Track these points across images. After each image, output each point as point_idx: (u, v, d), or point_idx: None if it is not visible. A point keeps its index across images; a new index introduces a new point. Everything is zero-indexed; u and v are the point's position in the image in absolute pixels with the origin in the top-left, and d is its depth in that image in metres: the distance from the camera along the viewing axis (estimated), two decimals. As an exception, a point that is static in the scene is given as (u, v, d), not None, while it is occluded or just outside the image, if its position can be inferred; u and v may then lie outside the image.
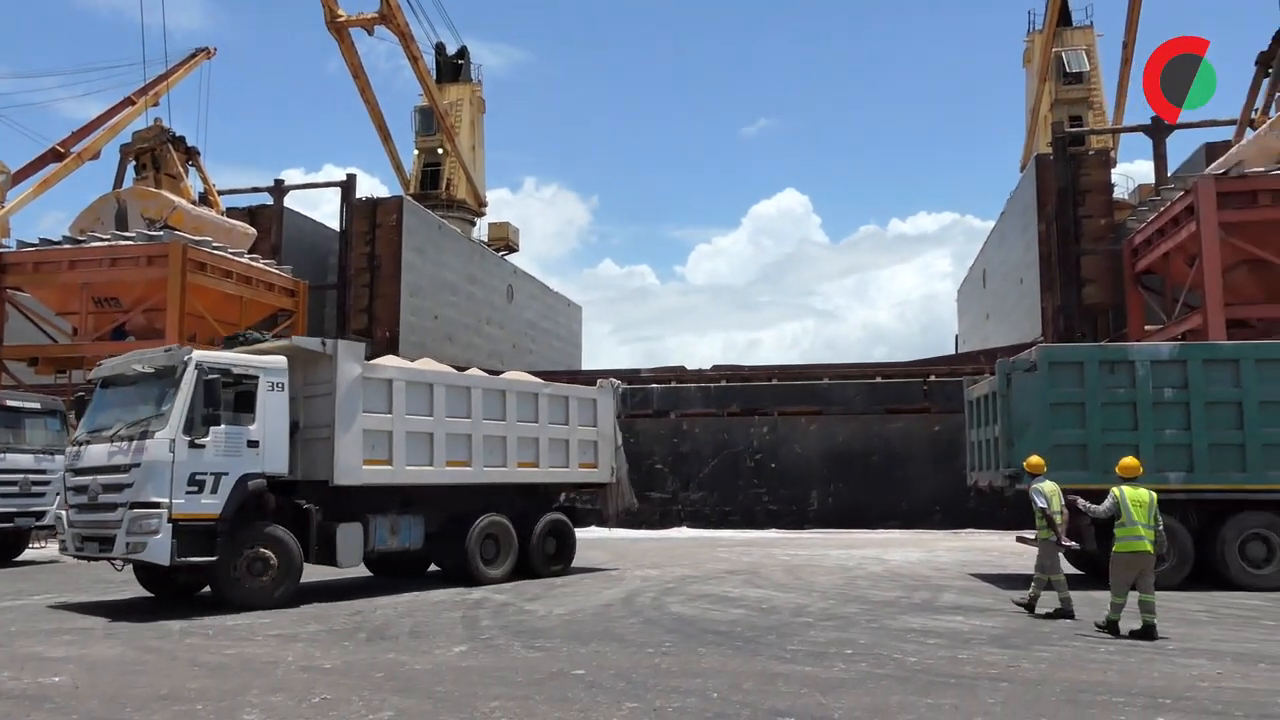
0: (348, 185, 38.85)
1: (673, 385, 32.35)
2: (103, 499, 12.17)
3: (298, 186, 41.66)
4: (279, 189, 39.06)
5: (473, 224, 53.29)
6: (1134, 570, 10.33)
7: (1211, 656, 9.17)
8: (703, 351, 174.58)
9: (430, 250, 41.32)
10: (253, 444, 12.53)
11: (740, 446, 30.64)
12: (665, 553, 21.62)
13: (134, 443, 11.99)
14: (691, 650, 9.53)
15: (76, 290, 29.19)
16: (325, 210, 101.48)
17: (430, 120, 50.89)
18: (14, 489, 18.76)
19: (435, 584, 15.13)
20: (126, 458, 12.00)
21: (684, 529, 29.39)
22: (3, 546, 19.50)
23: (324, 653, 9.51)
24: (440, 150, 51.66)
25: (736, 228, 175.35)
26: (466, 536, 14.99)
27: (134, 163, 34.15)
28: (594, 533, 27.73)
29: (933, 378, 30.68)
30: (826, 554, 20.91)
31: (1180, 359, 14.72)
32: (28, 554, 20.98)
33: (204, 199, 35.45)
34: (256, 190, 40.07)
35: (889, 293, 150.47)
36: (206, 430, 12.07)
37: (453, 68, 53.66)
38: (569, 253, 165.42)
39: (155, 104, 36.03)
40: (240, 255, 31.57)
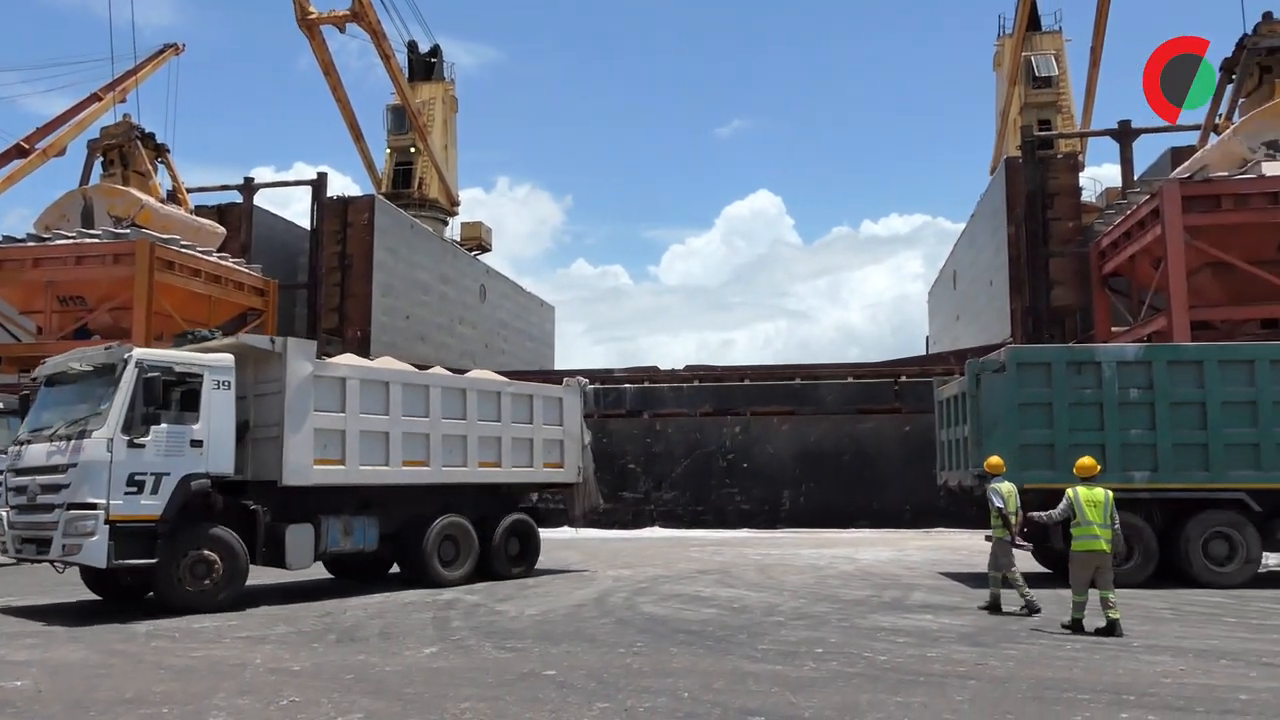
0: (319, 184, 38.52)
1: (646, 385, 32.39)
2: (41, 500, 11.89)
3: (268, 185, 41.29)
4: (249, 187, 38.67)
5: (445, 223, 53.04)
6: (1090, 568, 10.52)
7: (1175, 653, 9.30)
8: (676, 352, 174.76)
9: (402, 249, 41.08)
10: (196, 443, 12.24)
11: (713, 446, 30.73)
12: (638, 553, 21.64)
13: (72, 442, 11.71)
14: (663, 650, 9.54)
15: (41, 288, 28.79)
16: (296, 209, 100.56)
17: (402, 119, 50.59)
18: None
19: (405, 585, 15.02)
20: (64, 458, 11.71)
21: (656, 529, 29.42)
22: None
23: (293, 655, 9.43)
24: (412, 149, 51.37)
25: (710, 228, 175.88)
26: (424, 538, 14.79)
27: (102, 159, 33.72)
28: (566, 533, 27.70)
29: (904, 378, 30.92)
30: (798, 553, 21.02)
31: (1145, 360, 14.94)
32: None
33: (172, 197, 35.07)
34: (226, 188, 39.73)
35: (861, 294, 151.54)
36: (146, 429, 11.78)
37: (425, 66, 53.37)
38: (542, 252, 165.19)
39: (122, 100, 35.61)
40: (209, 254, 31.26)
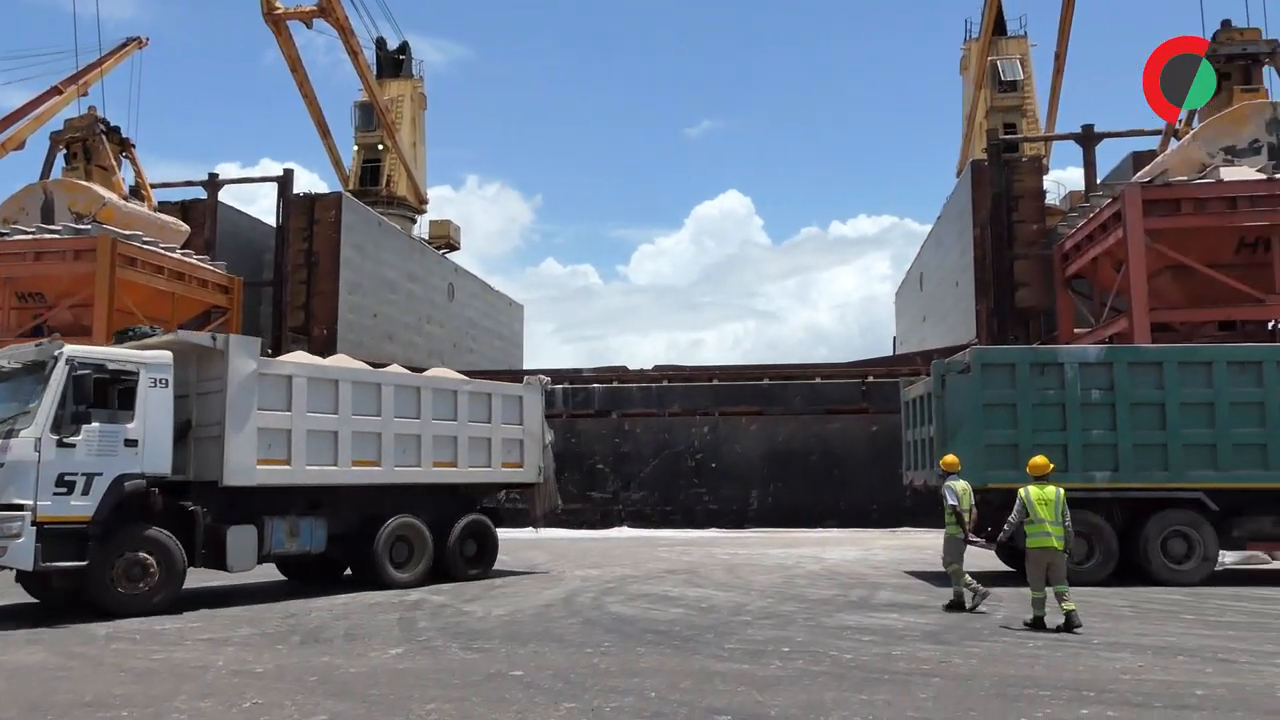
0: (285, 180, 38.14)
1: (614, 385, 32.40)
2: None
3: (233, 181, 40.79)
4: (213, 183, 38.22)
5: (413, 221, 52.68)
6: (1043, 565, 10.73)
7: (1134, 650, 9.45)
8: (645, 351, 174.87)
9: (369, 247, 40.77)
10: (131, 443, 11.99)
11: (681, 446, 30.80)
12: (606, 553, 21.63)
13: None
14: (630, 650, 9.55)
15: (-1, 284, 28.25)
16: (262, 205, 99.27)
17: (370, 116, 50.17)
18: None
19: (370, 586, 14.84)
20: None
21: (625, 529, 29.43)
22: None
23: (256, 656, 9.34)
24: (380, 146, 50.96)
25: (679, 228, 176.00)
26: (375, 539, 14.52)
27: (64, 152, 33.12)
28: (532, 532, 27.64)
29: (871, 379, 31.18)
30: (766, 553, 21.12)
31: (1107, 362, 15.17)
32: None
33: (135, 192, 34.54)
34: (190, 184, 39.20)
35: (829, 294, 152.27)
36: (77, 429, 11.53)
37: (394, 63, 52.98)
38: (511, 251, 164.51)
39: (84, 94, 34.97)
40: (172, 250, 30.83)
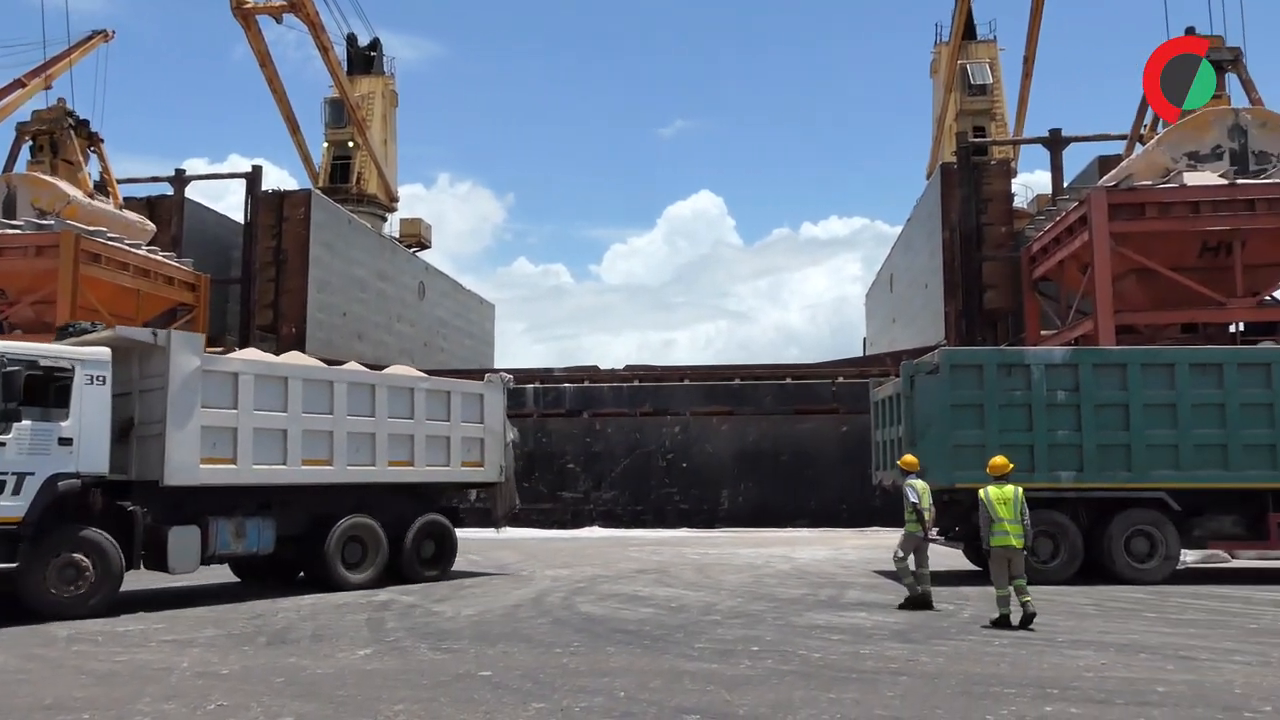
0: (253, 177, 37.72)
1: (585, 385, 32.36)
2: None
3: (200, 177, 40.34)
4: (180, 179, 37.72)
5: (384, 219, 52.32)
6: (1004, 563, 10.96)
7: (1097, 648, 9.58)
8: (617, 351, 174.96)
9: (339, 245, 40.44)
10: (65, 441, 11.75)
11: (652, 446, 30.82)
12: (576, 552, 21.60)
13: None
14: (600, 650, 9.55)
15: (-43, 280, 27.74)
16: (230, 202, 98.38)
17: (340, 112, 49.76)
18: None
19: (322, 588, 14.48)
20: None
21: (596, 528, 29.41)
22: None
23: (221, 658, 9.24)
24: (351, 143, 50.55)
25: (652, 228, 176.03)
26: (326, 539, 14.28)
27: (30, 143, 32.56)
28: (503, 532, 27.53)
29: (841, 379, 31.35)
30: (736, 553, 21.18)
31: (1072, 363, 15.37)
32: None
33: (101, 188, 34.03)
34: (156, 180, 38.61)
35: (801, 295, 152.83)
36: (7, 426, 11.30)
37: (364, 59, 52.59)
38: (483, 250, 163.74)
39: (48, 87, 34.39)
40: (137, 247, 30.41)
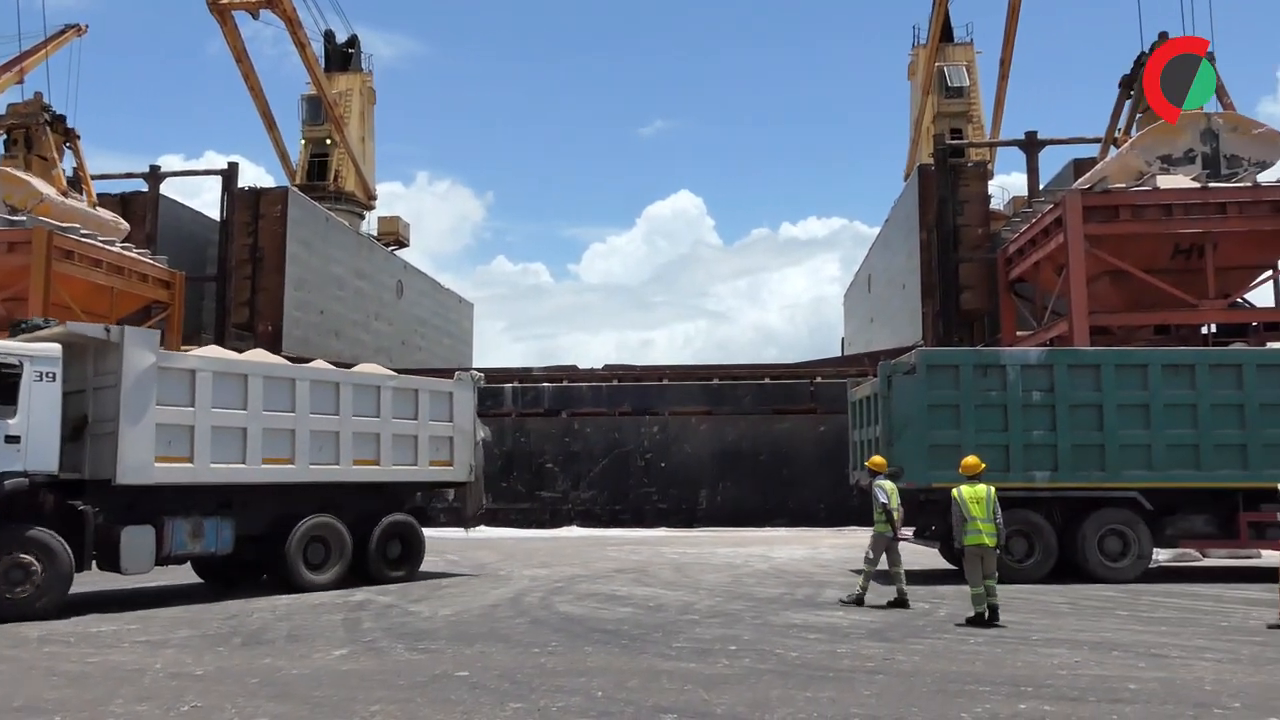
0: (229, 173, 37.45)
1: (564, 384, 32.32)
2: None
3: (175, 173, 39.99)
4: (155, 175, 37.36)
5: (362, 217, 52.05)
6: (978, 561, 11.11)
7: (1071, 646, 9.67)
8: (596, 351, 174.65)
9: (316, 243, 40.20)
10: (12, 439, 11.57)
11: (631, 446, 30.82)
12: (555, 552, 21.57)
13: None
14: (578, 649, 9.54)
15: (-73, 276, 27.29)
16: (206, 199, 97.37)
17: (318, 109, 49.45)
18: None
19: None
20: None
21: (574, 528, 29.38)
22: None
23: (196, 659, 9.16)
24: (328, 141, 50.28)
25: (631, 227, 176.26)
26: (287, 539, 14.04)
27: (4, 137, 32.11)
28: (481, 532, 27.46)
29: (819, 379, 31.48)
30: (714, 552, 21.22)
31: (1047, 364, 15.49)
32: None
33: (74, 184, 33.63)
34: (131, 176, 38.31)
35: (780, 295, 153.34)
36: None
37: (342, 56, 52.32)
38: (462, 249, 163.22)
39: (20, 81, 33.91)
40: (111, 244, 30.06)
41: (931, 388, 15.24)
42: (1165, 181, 25.18)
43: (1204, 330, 26.20)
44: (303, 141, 50.73)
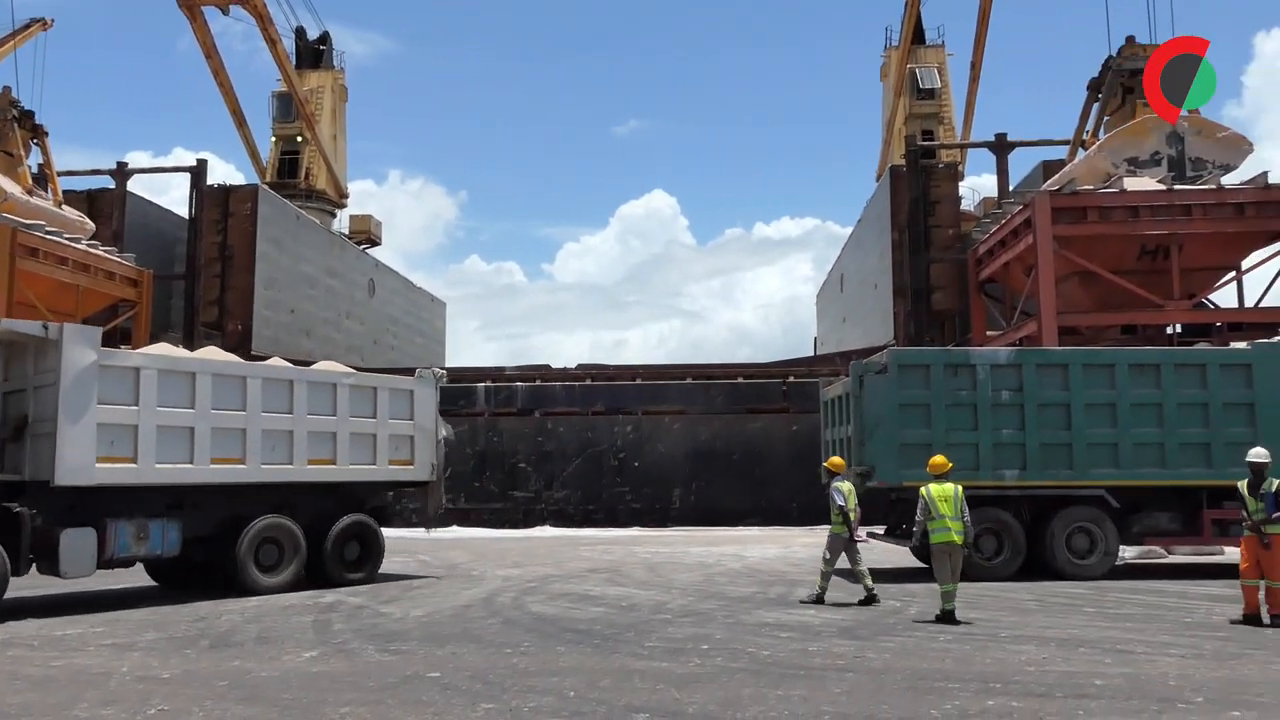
0: (198, 170, 37.05)
1: (537, 384, 32.25)
2: None
3: (143, 170, 39.61)
4: (122, 172, 36.89)
5: (333, 215, 51.65)
6: (946, 558, 11.23)
7: (1039, 642, 9.78)
8: (570, 350, 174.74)
9: (287, 241, 39.85)
10: None
11: (604, 445, 30.80)
12: (527, 552, 21.52)
13: None
14: (550, 649, 9.53)
15: (-114, 274, 26.76)
16: (174, 196, 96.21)
17: (289, 107, 49.00)
18: None
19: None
20: None
21: (547, 528, 29.31)
22: None
23: (163, 662, 9.05)
24: (299, 138, 49.83)
25: (605, 227, 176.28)
26: (237, 540, 13.74)
27: (-31, 133, 31.56)
28: (454, 532, 27.39)
29: (792, 379, 31.61)
30: (687, 551, 21.25)
31: (1016, 363, 15.65)
32: None
33: (40, 181, 33.11)
34: (97, 173, 37.76)
35: (753, 295, 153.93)
36: None
37: (314, 53, 51.88)
38: (435, 248, 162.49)
39: (-18, 76, 33.42)
40: (77, 242, 29.64)
41: (902, 387, 15.35)
42: (1132, 184, 25.52)
43: (1169, 330, 26.58)
44: (273, 139, 50.25)
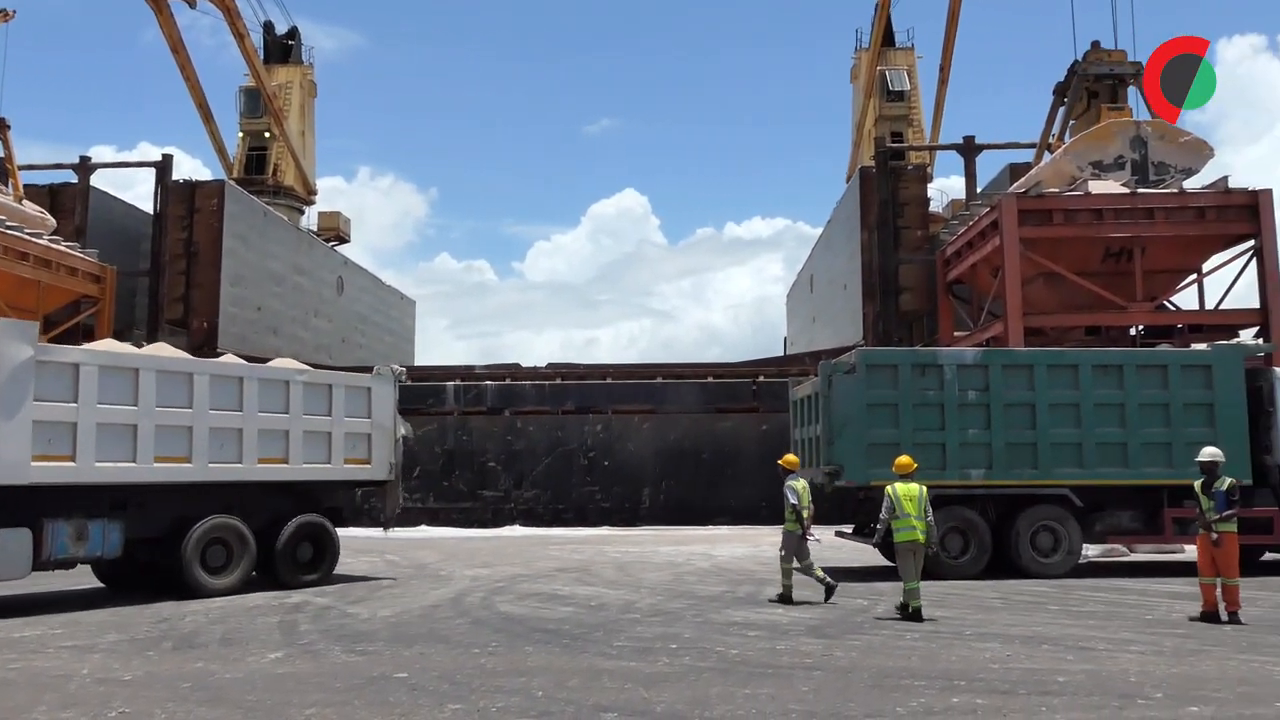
0: (163, 166, 36.58)
1: (507, 383, 32.14)
2: None
3: (107, 165, 38.93)
4: (85, 166, 36.36)
5: (301, 212, 51.17)
6: (910, 556, 11.39)
7: (1003, 640, 9.90)
8: (540, 349, 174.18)
9: (254, 238, 39.41)
10: None
11: (574, 444, 30.76)
12: (497, 551, 21.44)
13: None
14: (518, 649, 9.51)
15: None
16: (139, 191, 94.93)
17: (256, 102, 48.50)
18: None
19: (250, 588, 14.25)
20: None
21: (517, 527, 29.23)
22: None
23: (124, 664, 8.93)
24: (267, 134, 49.33)
25: (576, 226, 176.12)
26: (183, 541, 13.39)
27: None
28: (423, 531, 27.26)
29: (762, 378, 31.74)
30: (657, 551, 21.27)
31: (983, 364, 15.81)
32: None
33: (0, 176, 32.55)
34: (60, 167, 37.17)
35: (724, 294, 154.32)
36: None
37: (282, 48, 51.38)
38: (405, 245, 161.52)
39: (-60, 68, 32.79)
40: (39, 237, 29.17)
41: (870, 387, 15.46)
42: (1096, 187, 25.89)
43: (1132, 332, 26.99)
44: (241, 134, 49.71)
